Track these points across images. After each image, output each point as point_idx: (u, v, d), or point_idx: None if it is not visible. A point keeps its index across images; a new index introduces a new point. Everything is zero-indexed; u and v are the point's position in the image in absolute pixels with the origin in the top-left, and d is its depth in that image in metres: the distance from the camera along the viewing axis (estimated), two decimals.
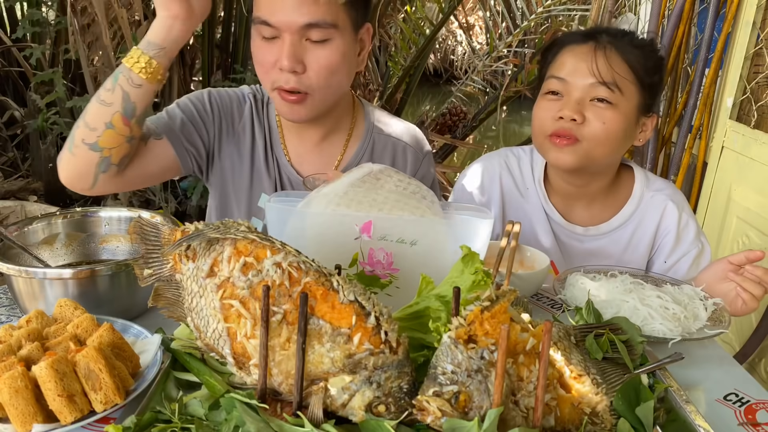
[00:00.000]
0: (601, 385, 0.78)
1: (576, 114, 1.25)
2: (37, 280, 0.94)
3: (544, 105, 1.31)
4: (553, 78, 1.30)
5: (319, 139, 1.38)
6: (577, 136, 1.26)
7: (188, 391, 0.79)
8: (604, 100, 1.25)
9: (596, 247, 1.42)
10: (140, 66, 1.10)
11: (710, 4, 2.19)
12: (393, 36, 4.19)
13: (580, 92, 1.26)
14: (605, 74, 1.25)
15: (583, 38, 1.30)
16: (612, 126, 1.25)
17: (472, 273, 0.82)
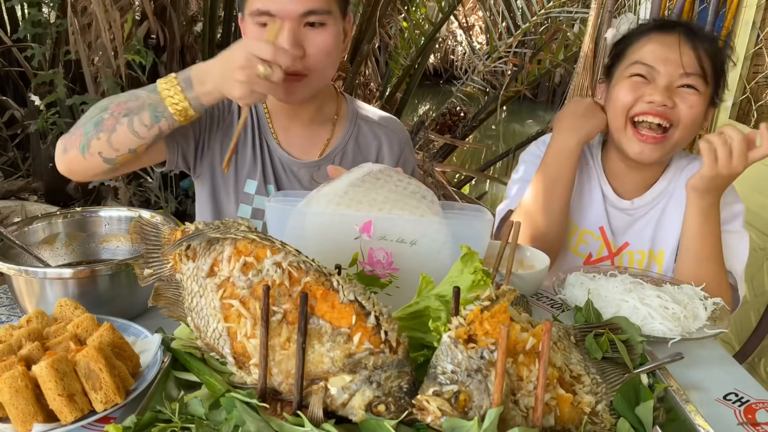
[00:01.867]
0: (601, 384, 0.78)
1: (667, 99, 1.29)
2: (37, 279, 0.94)
3: (632, 86, 1.33)
4: (640, 63, 1.33)
5: (306, 121, 1.42)
6: (671, 120, 1.30)
7: (188, 391, 0.79)
8: (692, 86, 1.30)
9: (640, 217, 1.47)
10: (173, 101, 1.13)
11: (710, 3, 2.19)
12: (393, 36, 4.18)
13: (668, 79, 1.30)
14: (693, 65, 1.30)
15: (665, 28, 1.35)
16: (697, 110, 1.31)
17: (472, 273, 0.83)
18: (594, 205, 1.48)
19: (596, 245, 1.48)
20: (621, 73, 1.37)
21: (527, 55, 3.82)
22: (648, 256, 1.45)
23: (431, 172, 3.36)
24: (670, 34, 1.33)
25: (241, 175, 1.41)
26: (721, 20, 2.20)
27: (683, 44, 1.31)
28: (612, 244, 1.47)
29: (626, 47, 1.39)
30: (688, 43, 1.31)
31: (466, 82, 4.04)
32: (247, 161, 1.41)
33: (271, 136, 1.41)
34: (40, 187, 3.41)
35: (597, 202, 1.48)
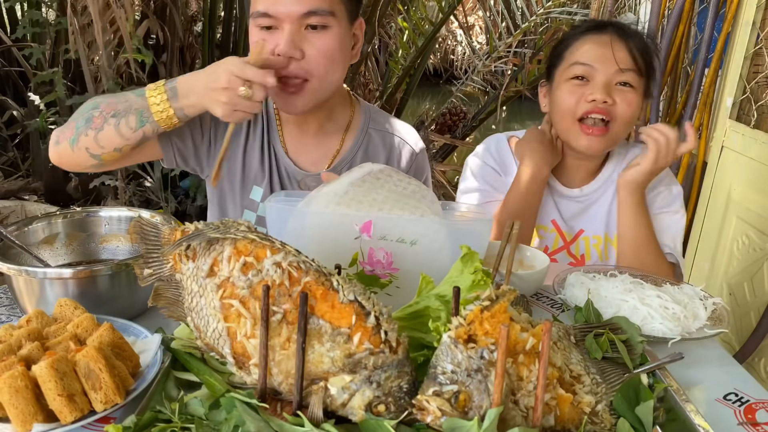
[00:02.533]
0: (601, 384, 0.78)
1: (607, 97, 1.36)
2: (37, 279, 0.94)
3: (572, 89, 1.41)
4: (579, 64, 1.40)
5: (316, 131, 1.39)
6: (611, 115, 1.38)
7: (188, 391, 0.79)
8: (627, 83, 1.38)
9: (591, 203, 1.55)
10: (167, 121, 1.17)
11: (710, 3, 2.19)
12: (393, 36, 4.19)
13: (605, 77, 1.37)
14: (627, 61, 1.37)
15: (596, 28, 1.43)
16: (635, 106, 1.39)
17: (472, 273, 0.83)
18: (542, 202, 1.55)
19: (551, 237, 1.56)
20: (561, 75, 1.44)
21: (527, 55, 3.83)
22: (604, 240, 1.53)
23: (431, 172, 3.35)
24: (603, 33, 1.41)
25: (247, 181, 1.39)
26: (721, 20, 2.20)
27: (615, 42, 1.38)
28: (566, 233, 1.55)
29: (564, 50, 1.46)
30: (620, 41, 1.39)
31: (466, 82, 4.04)
32: (255, 167, 1.39)
33: (279, 144, 1.39)
34: (40, 187, 3.41)
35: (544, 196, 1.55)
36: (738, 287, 2.16)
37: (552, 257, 1.51)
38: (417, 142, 1.49)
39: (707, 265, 2.32)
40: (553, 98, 1.47)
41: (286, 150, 1.39)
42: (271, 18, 1.19)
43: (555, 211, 1.55)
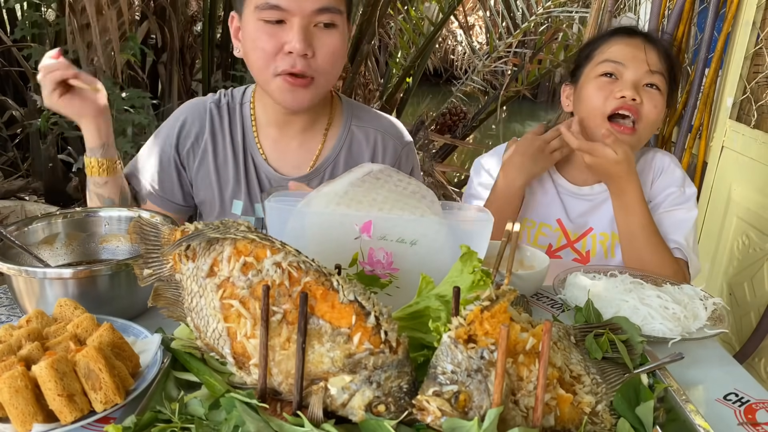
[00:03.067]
0: (601, 384, 0.78)
1: (636, 95, 1.37)
2: (37, 279, 0.94)
3: (601, 86, 1.41)
4: (609, 61, 1.41)
5: (299, 131, 1.37)
6: (639, 114, 1.39)
7: (188, 391, 0.79)
8: (655, 86, 1.40)
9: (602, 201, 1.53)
10: (98, 169, 1.27)
11: (710, 3, 2.19)
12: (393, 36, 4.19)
13: (634, 76, 1.39)
14: (657, 64, 1.40)
15: (627, 32, 1.45)
16: (660, 110, 1.41)
17: (472, 273, 0.82)
18: (548, 199, 1.56)
19: (555, 236, 1.56)
20: (589, 73, 1.45)
21: (527, 55, 3.83)
22: (611, 237, 1.53)
23: (431, 172, 3.36)
24: (634, 37, 1.44)
25: (225, 197, 1.38)
26: (721, 20, 2.19)
27: (647, 45, 1.41)
28: (571, 232, 1.55)
29: (592, 50, 1.47)
30: (651, 45, 1.42)
31: (466, 82, 4.04)
32: (231, 181, 1.37)
33: (257, 151, 1.36)
34: (39, 187, 3.41)
35: (551, 195, 1.55)
36: (738, 287, 2.16)
37: (555, 254, 1.52)
38: (401, 135, 1.46)
39: (707, 265, 2.32)
40: (579, 96, 1.46)
41: (265, 157, 1.37)
42: (282, 11, 1.16)
43: (561, 209, 1.54)
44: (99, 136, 1.25)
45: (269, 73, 1.22)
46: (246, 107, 1.39)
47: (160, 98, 3.65)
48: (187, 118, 1.38)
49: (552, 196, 1.55)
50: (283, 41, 1.18)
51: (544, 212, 1.54)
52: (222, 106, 1.39)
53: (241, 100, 1.40)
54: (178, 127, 1.38)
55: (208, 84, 3.57)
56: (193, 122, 1.38)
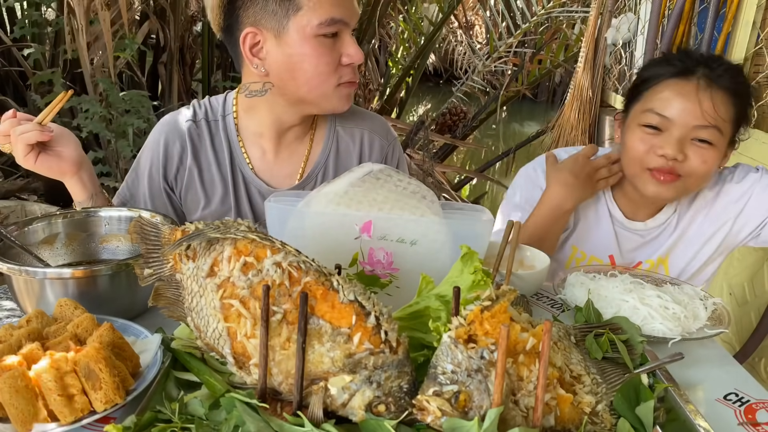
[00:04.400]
0: (601, 384, 0.78)
1: (679, 154, 1.27)
2: (37, 279, 0.94)
3: (643, 138, 1.32)
4: (654, 113, 1.30)
5: (292, 142, 1.35)
6: (680, 173, 1.29)
7: (188, 391, 0.79)
8: (706, 141, 1.27)
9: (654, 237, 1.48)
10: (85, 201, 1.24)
11: (710, 4, 2.19)
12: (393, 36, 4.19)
13: (681, 131, 1.27)
14: (710, 118, 1.26)
15: (683, 73, 1.30)
16: (711, 164, 1.30)
17: (472, 273, 0.82)
18: (602, 231, 1.48)
19: None
20: (635, 118, 1.35)
21: (527, 55, 3.83)
22: (657, 263, 1.47)
23: (431, 172, 3.36)
24: (688, 81, 1.28)
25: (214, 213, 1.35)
26: (721, 20, 2.19)
27: (701, 93, 1.26)
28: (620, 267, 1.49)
29: (643, 87, 1.35)
30: (706, 91, 1.26)
31: (466, 82, 4.04)
32: (219, 196, 1.34)
33: (245, 164, 1.33)
34: (40, 187, 3.41)
35: (605, 226, 1.48)
36: (738, 287, 2.16)
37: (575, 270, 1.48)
38: (387, 132, 1.45)
39: None
40: (624, 137, 1.37)
41: (254, 170, 1.34)
42: (341, 24, 1.19)
43: (614, 244, 1.48)
44: (84, 189, 1.22)
45: (330, 85, 1.23)
46: (229, 119, 1.34)
47: (160, 98, 3.65)
48: (167, 141, 1.32)
49: (606, 227, 1.47)
50: (339, 54, 1.21)
51: (597, 245, 1.48)
52: (200, 122, 1.34)
53: (223, 112, 1.35)
54: (161, 152, 1.32)
55: (208, 84, 3.57)
56: (174, 144, 1.32)
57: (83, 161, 1.21)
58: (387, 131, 1.45)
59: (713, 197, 1.42)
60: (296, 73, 1.21)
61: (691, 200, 1.44)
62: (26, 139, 1.12)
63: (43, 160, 1.16)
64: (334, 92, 1.24)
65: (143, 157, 1.36)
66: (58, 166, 1.18)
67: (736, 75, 1.32)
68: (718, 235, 1.43)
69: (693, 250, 1.45)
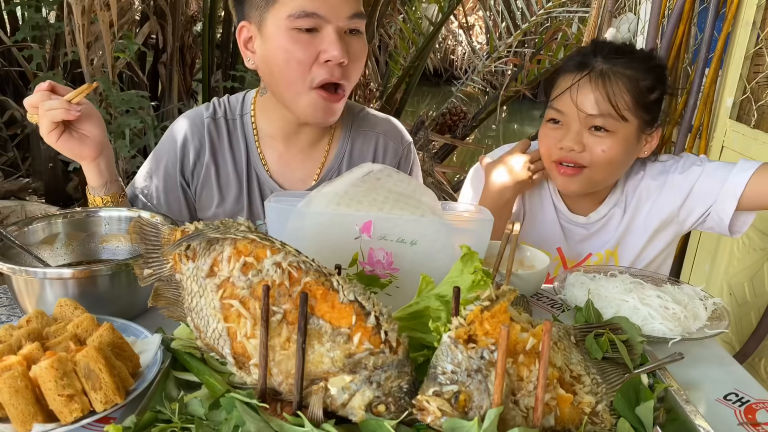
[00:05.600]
0: (601, 384, 0.78)
1: (576, 144, 1.31)
2: (37, 280, 0.94)
3: (546, 132, 1.37)
4: (552, 108, 1.36)
5: (304, 146, 1.34)
6: (582, 163, 1.33)
7: (188, 391, 0.79)
8: (602, 128, 1.30)
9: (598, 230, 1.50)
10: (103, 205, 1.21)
11: (710, 3, 2.19)
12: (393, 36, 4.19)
13: (576, 122, 1.32)
14: (601, 106, 1.29)
15: (578, 66, 1.33)
16: (611, 152, 1.31)
17: (472, 273, 0.82)
18: (548, 223, 1.51)
19: (553, 265, 1.51)
20: (545, 117, 1.40)
21: (527, 55, 3.83)
22: (605, 255, 1.49)
23: (431, 172, 3.36)
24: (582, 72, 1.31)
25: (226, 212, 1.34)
26: (721, 20, 2.20)
27: (593, 83, 1.29)
28: (569, 260, 1.51)
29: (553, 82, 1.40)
30: (597, 80, 1.29)
31: (466, 82, 4.04)
32: (233, 195, 1.33)
33: (261, 166, 1.32)
34: (40, 187, 3.41)
35: (551, 219, 1.51)
36: (738, 287, 2.16)
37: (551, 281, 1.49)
38: (401, 136, 1.44)
39: (707, 265, 2.32)
40: None
41: (269, 172, 1.33)
42: (318, 18, 1.12)
43: (561, 236, 1.51)
44: (100, 176, 1.20)
45: (304, 86, 1.18)
46: (247, 118, 1.33)
47: (160, 99, 3.65)
48: (186, 136, 1.32)
49: (552, 220, 1.50)
50: (317, 50, 1.14)
51: (544, 239, 1.49)
52: (219, 119, 1.33)
53: (241, 111, 1.34)
54: (179, 148, 1.32)
55: (208, 84, 3.57)
56: (193, 140, 1.32)
57: (104, 147, 1.19)
58: (401, 135, 1.44)
59: (658, 188, 1.43)
60: (273, 68, 1.19)
61: (634, 192, 1.45)
62: (52, 116, 1.09)
63: (65, 140, 1.13)
64: (305, 96, 1.18)
65: (159, 150, 1.35)
66: (79, 150, 1.15)
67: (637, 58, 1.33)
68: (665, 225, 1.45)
69: (642, 241, 1.46)
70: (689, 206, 1.41)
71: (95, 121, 1.16)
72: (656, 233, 1.46)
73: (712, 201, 1.36)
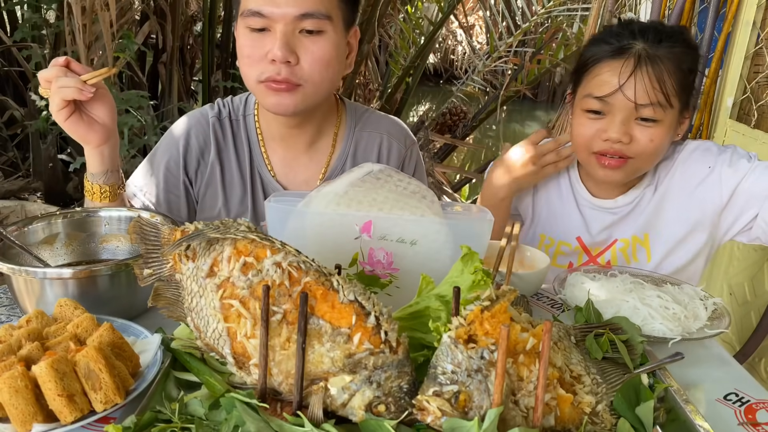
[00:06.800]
0: (602, 384, 0.78)
1: (623, 136, 1.24)
2: (37, 279, 0.94)
3: (586, 123, 1.29)
4: (594, 98, 1.26)
5: (306, 146, 1.34)
6: (627, 155, 1.26)
7: (188, 391, 0.79)
8: (651, 119, 1.24)
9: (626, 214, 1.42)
10: (99, 195, 1.19)
11: (710, 3, 2.19)
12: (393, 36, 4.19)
13: (623, 113, 1.24)
14: (651, 95, 1.21)
15: (618, 52, 1.24)
16: (659, 141, 1.25)
17: (472, 273, 0.82)
18: (567, 214, 1.45)
19: (575, 255, 1.46)
20: (579, 103, 1.32)
21: (527, 55, 3.82)
22: (632, 242, 1.42)
23: (431, 172, 3.36)
24: (624, 58, 1.23)
25: (231, 212, 1.34)
26: (721, 20, 2.19)
27: (640, 71, 1.21)
28: (591, 249, 1.45)
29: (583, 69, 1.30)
30: (644, 67, 1.21)
31: (466, 82, 4.04)
32: (237, 196, 1.33)
33: (265, 167, 1.33)
34: (40, 187, 3.41)
35: (570, 209, 1.45)
36: (738, 287, 2.16)
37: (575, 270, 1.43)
38: (406, 138, 1.44)
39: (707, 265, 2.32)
40: (572, 122, 1.35)
41: (273, 173, 1.33)
42: (264, 18, 1.13)
43: (582, 226, 1.44)
44: (102, 163, 1.18)
45: (253, 79, 1.19)
46: (250, 119, 1.34)
47: (159, 98, 3.65)
48: (191, 134, 1.32)
49: (571, 209, 1.44)
50: (266, 49, 1.15)
51: (563, 229, 1.44)
52: (224, 119, 1.34)
53: (244, 112, 1.35)
54: (182, 146, 1.31)
55: (208, 84, 3.57)
56: (197, 138, 1.32)
57: (111, 135, 1.17)
58: (405, 136, 1.44)
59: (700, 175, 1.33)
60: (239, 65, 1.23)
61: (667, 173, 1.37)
62: (64, 94, 1.07)
63: (73, 121, 1.11)
64: (257, 87, 1.20)
65: (161, 149, 1.35)
66: (85, 134, 1.13)
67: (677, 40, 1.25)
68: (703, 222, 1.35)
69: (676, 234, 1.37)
70: (734, 208, 1.31)
71: (108, 107, 1.15)
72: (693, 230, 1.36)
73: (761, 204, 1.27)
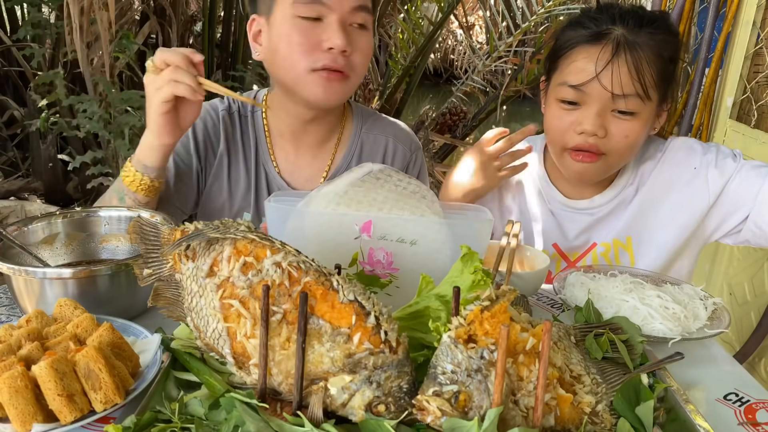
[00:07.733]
0: (601, 384, 0.78)
1: (599, 129, 1.16)
2: (37, 279, 0.94)
3: (559, 114, 1.20)
4: (569, 87, 1.17)
5: (312, 145, 1.35)
6: (602, 150, 1.19)
7: (188, 391, 0.79)
8: (628, 112, 1.16)
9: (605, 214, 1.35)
10: (143, 187, 1.15)
11: (710, 3, 2.19)
12: (393, 36, 4.19)
13: (599, 104, 1.16)
14: (628, 86, 1.13)
15: (596, 37, 1.15)
16: (634, 137, 1.18)
17: (472, 272, 0.82)
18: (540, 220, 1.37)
19: (553, 262, 1.37)
20: (552, 91, 1.22)
21: (527, 55, 3.82)
22: (613, 246, 1.34)
23: (431, 172, 3.36)
24: (602, 44, 1.13)
25: (234, 206, 1.35)
26: (722, 20, 2.20)
27: (618, 58, 1.12)
28: (569, 254, 1.38)
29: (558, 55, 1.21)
30: (623, 55, 1.12)
31: (466, 82, 4.04)
32: (241, 191, 1.34)
33: (270, 163, 1.33)
34: (39, 187, 3.41)
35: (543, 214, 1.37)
36: (738, 287, 2.16)
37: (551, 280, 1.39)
38: (411, 142, 1.44)
39: (707, 265, 2.32)
40: (545, 111, 1.26)
41: (278, 170, 1.34)
42: (322, 6, 1.13)
43: (557, 232, 1.36)
44: (163, 159, 1.15)
45: (304, 68, 1.17)
46: (258, 115, 1.35)
47: None
48: (203, 123, 1.32)
49: (544, 214, 1.35)
50: (320, 38, 1.16)
51: (538, 238, 1.37)
52: (233, 114, 1.34)
53: (253, 108, 1.35)
54: (192, 134, 1.31)
55: None
56: (208, 128, 1.32)
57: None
58: (411, 140, 1.45)
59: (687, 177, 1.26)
60: (276, 55, 1.21)
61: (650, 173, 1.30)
62: (177, 88, 1.05)
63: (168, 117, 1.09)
64: (307, 77, 1.18)
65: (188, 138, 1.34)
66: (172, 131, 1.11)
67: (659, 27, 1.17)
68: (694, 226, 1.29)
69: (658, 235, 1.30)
70: (721, 209, 1.25)
71: (196, 115, 1.15)
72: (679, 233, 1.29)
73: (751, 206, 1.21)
